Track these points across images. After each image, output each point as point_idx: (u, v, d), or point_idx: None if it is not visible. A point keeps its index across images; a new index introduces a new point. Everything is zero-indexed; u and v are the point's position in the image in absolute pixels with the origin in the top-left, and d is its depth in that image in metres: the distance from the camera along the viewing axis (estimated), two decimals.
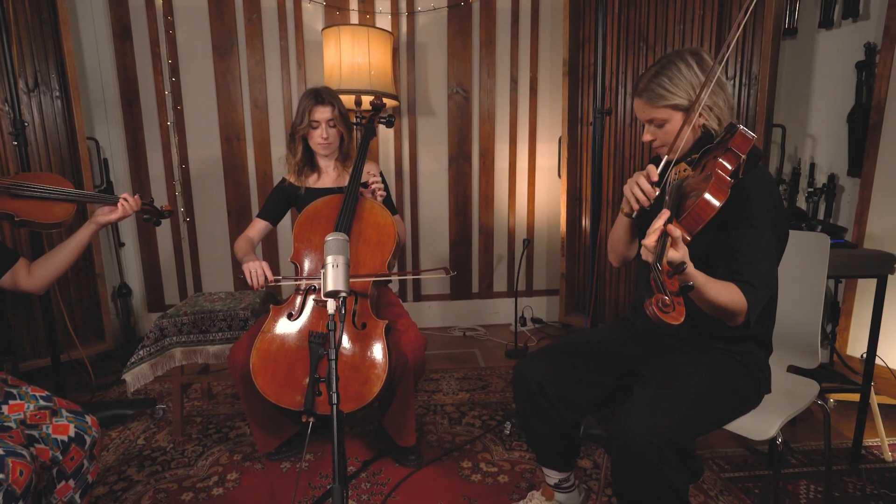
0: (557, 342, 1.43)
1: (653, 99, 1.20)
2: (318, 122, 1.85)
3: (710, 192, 0.97)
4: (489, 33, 3.06)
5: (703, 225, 0.98)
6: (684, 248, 0.98)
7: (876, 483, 1.65)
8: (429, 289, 3.29)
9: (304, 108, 1.85)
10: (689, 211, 0.98)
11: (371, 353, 1.59)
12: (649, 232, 0.98)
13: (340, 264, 1.21)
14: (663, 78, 1.19)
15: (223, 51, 2.86)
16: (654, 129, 1.25)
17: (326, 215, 1.81)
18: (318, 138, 1.87)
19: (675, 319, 0.85)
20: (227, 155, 2.98)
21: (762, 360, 1.26)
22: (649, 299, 0.87)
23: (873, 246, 2.07)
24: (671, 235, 0.95)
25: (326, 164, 1.98)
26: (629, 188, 1.19)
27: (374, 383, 1.56)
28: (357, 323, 1.64)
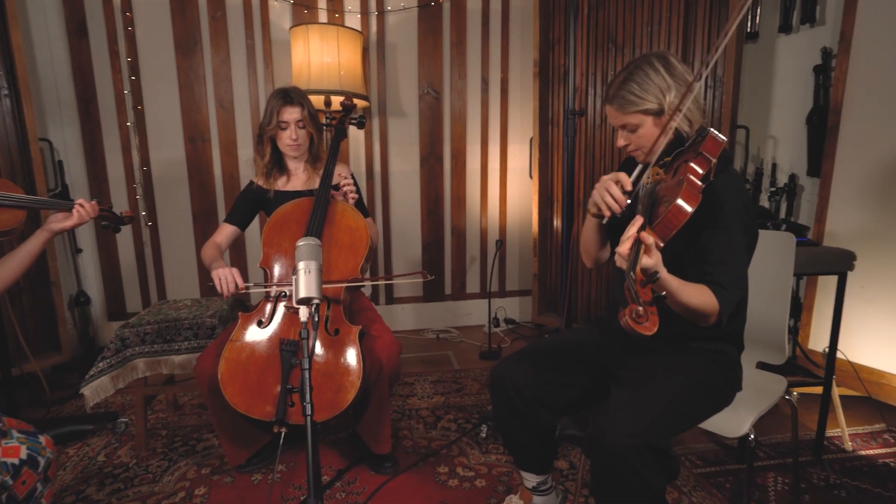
0: (534, 345, 1.42)
1: (624, 105, 1.21)
2: (287, 123, 1.80)
3: (683, 198, 0.97)
4: (460, 34, 3.05)
5: (675, 231, 0.99)
6: (658, 255, 0.98)
7: (838, 473, 1.70)
8: (401, 291, 3.26)
9: (273, 109, 1.80)
10: (661, 218, 0.98)
11: (344, 360, 1.56)
12: (623, 239, 0.98)
13: (313, 270, 1.18)
14: (632, 84, 1.19)
15: (186, 49, 2.77)
16: (627, 134, 1.25)
17: (297, 219, 1.77)
18: (288, 140, 1.82)
19: (648, 330, 0.85)
20: (191, 156, 2.88)
21: (734, 358, 1.28)
22: (623, 310, 0.87)
23: (832, 243, 2.15)
24: (644, 243, 0.95)
25: (296, 167, 1.93)
26: (599, 194, 1.18)
27: (349, 391, 1.53)
28: (330, 329, 1.60)
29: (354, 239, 1.74)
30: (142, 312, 1.97)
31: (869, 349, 2.09)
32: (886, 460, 1.78)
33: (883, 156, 2.05)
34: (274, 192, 1.89)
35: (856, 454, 1.82)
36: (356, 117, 2.05)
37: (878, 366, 2.08)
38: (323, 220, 1.73)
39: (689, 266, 1.18)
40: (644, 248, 0.95)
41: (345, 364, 1.55)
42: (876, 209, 2.09)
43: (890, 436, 1.93)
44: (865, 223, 2.11)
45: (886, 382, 2.05)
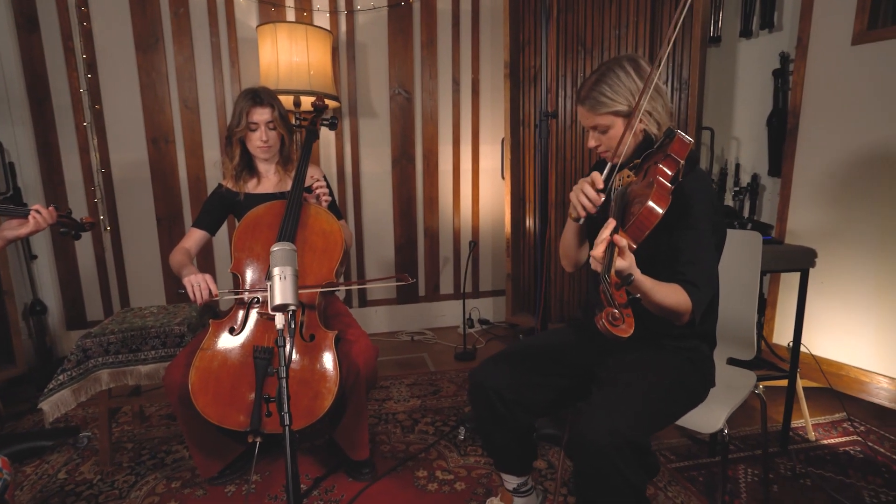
0: (511, 347, 1.43)
1: (595, 106, 1.22)
2: (257, 124, 1.76)
3: (653, 199, 0.99)
4: (430, 34, 3.04)
5: (648, 233, 1.00)
6: (631, 256, 1.00)
7: (803, 462, 1.77)
8: (375, 294, 3.23)
9: (242, 110, 1.75)
10: (633, 219, 1.00)
11: (321, 366, 1.53)
12: (597, 243, 1.00)
13: (288, 276, 1.15)
14: (604, 85, 1.21)
15: (147, 46, 2.67)
16: (598, 135, 1.27)
17: (268, 223, 1.72)
18: (258, 141, 1.78)
19: (624, 332, 0.86)
20: (154, 158, 2.78)
21: (707, 355, 1.31)
22: (599, 313, 0.88)
23: (793, 241, 2.23)
24: (617, 245, 0.97)
25: (266, 169, 1.89)
26: (575, 195, 1.20)
27: (325, 397, 1.50)
28: (305, 335, 1.57)
29: (329, 242, 1.71)
30: (105, 321, 1.89)
31: (828, 342, 2.19)
32: (847, 448, 1.86)
33: (839, 157, 2.15)
34: (244, 194, 1.84)
35: (819, 443, 1.89)
36: (328, 118, 2.02)
37: (837, 357, 2.17)
38: (296, 224, 1.69)
39: (662, 266, 1.21)
40: (618, 250, 0.97)
41: (321, 370, 1.52)
42: (833, 208, 2.18)
43: (849, 424, 2.01)
44: (824, 221, 2.20)
45: (845, 374, 2.14)
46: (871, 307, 2.07)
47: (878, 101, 2.02)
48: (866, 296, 2.08)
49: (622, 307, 0.88)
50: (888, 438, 1.92)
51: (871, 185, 2.06)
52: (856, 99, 2.08)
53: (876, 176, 2.04)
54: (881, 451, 1.83)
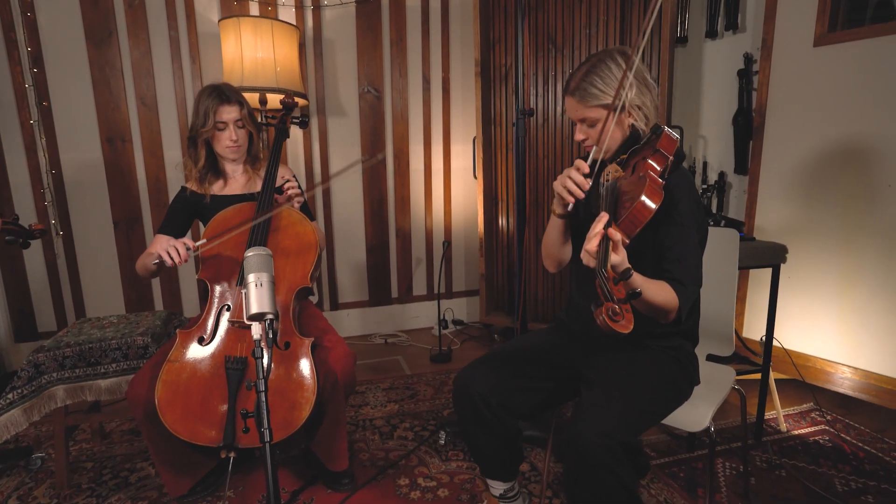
0: (494, 351, 1.40)
1: (585, 98, 1.20)
2: (225, 123, 1.67)
3: (647, 194, 0.98)
4: (399, 31, 2.98)
5: (641, 227, 1.00)
6: (624, 252, 0.98)
7: (778, 454, 1.81)
8: (346, 296, 3.16)
9: (207, 109, 1.65)
10: (627, 214, 0.99)
11: (297, 375, 1.46)
12: (590, 236, 0.98)
13: (265, 282, 1.09)
14: (595, 77, 1.19)
15: (99, 39, 2.52)
16: (587, 129, 1.25)
17: (238, 225, 1.64)
18: (227, 141, 1.69)
19: (624, 328, 0.85)
20: (109, 158, 2.63)
21: (691, 352, 1.31)
22: (599, 308, 0.86)
23: (761, 236, 2.29)
24: (612, 239, 0.95)
25: (234, 169, 1.80)
26: (560, 184, 1.16)
27: (303, 407, 1.44)
28: (279, 343, 1.50)
29: (302, 245, 1.64)
30: (59, 333, 1.76)
31: (795, 334, 2.25)
32: (816, 438, 1.92)
33: (804, 154, 2.21)
34: (210, 196, 1.75)
35: (790, 434, 1.94)
36: (298, 116, 1.94)
37: (804, 349, 2.24)
38: (267, 227, 1.62)
39: (648, 263, 1.20)
40: (612, 244, 0.95)
41: (297, 379, 1.46)
42: (799, 204, 2.25)
43: (817, 414, 2.08)
44: (790, 217, 2.27)
45: (812, 365, 2.21)
46: (835, 300, 2.14)
47: (839, 100, 2.09)
48: (831, 289, 2.15)
49: (621, 302, 0.86)
50: (853, 427, 1.99)
51: (834, 181, 2.13)
52: (818, 98, 2.15)
53: (839, 172, 2.11)
54: (848, 440, 1.89)
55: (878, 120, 1.98)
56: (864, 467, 1.73)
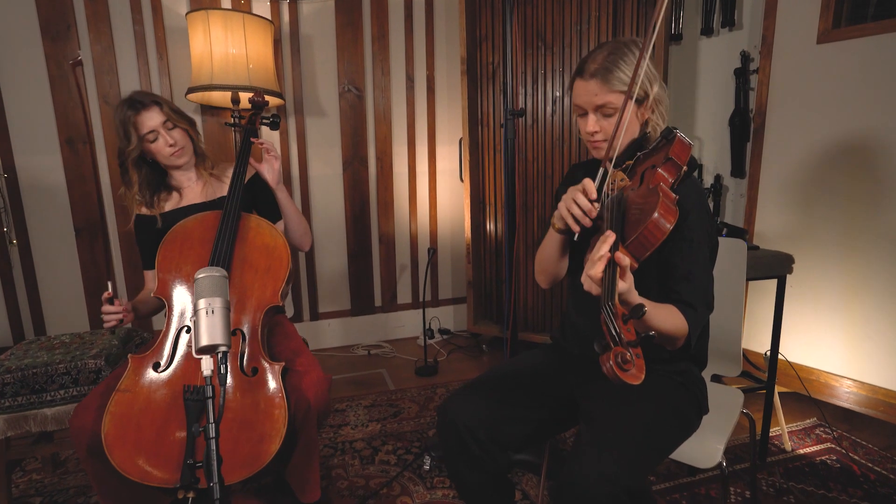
0: (483, 377, 1.27)
1: (609, 80, 1.06)
2: (154, 130, 1.50)
3: (661, 212, 0.85)
4: (381, 28, 2.84)
5: (652, 250, 0.86)
6: (631, 278, 0.86)
7: (784, 476, 1.70)
8: (326, 305, 3.00)
9: (126, 124, 1.47)
10: (637, 234, 0.86)
11: (266, 405, 1.31)
12: (593, 259, 0.84)
13: (217, 309, 0.94)
14: (619, 60, 1.06)
15: (56, 34, 2.34)
16: (601, 120, 1.10)
17: (200, 236, 1.48)
18: (167, 149, 1.52)
19: (635, 378, 0.71)
20: (70, 161, 2.46)
21: (699, 377, 1.19)
22: (606, 352, 0.72)
23: (762, 243, 2.19)
24: (619, 265, 0.82)
25: (186, 177, 1.63)
26: (565, 207, 1.04)
27: (272, 440, 1.29)
28: (246, 368, 1.35)
29: (273, 260, 1.49)
30: (1, 357, 1.60)
31: (798, 346, 2.15)
32: (823, 457, 1.81)
33: (807, 156, 2.11)
34: (161, 217, 1.57)
35: (795, 454, 1.84)
36: (268, 116, 1.79)
37: (807, 362, 2.14)
38: (234, 238, 1.47)
39: (652, 282, 1.08)
40: (619, 270, 0.82)
41: (266, 409, 1.31)
42: (802, 209, 2.14)
43: (822, 430, 1.98)
44: (792, 223, 2.17)
45: (815, 378, 2.11)
46: (840, 310, 2.04)
47: (843, 100, 1.99)
48: (835, 298, 2.05)
49: (631, 345, 0.73)
50: (861, 444, 1.89)
51: (838, 185, 2.03)
52: (821, 98, 2.05)
53: (843, 175, 2.02)
54: (857, 460, 1.79)
55: (884, 120, 1.89)
56: (877, 490, 1.63)
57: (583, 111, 1.13)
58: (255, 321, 1.42)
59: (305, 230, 1.78)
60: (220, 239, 1.44)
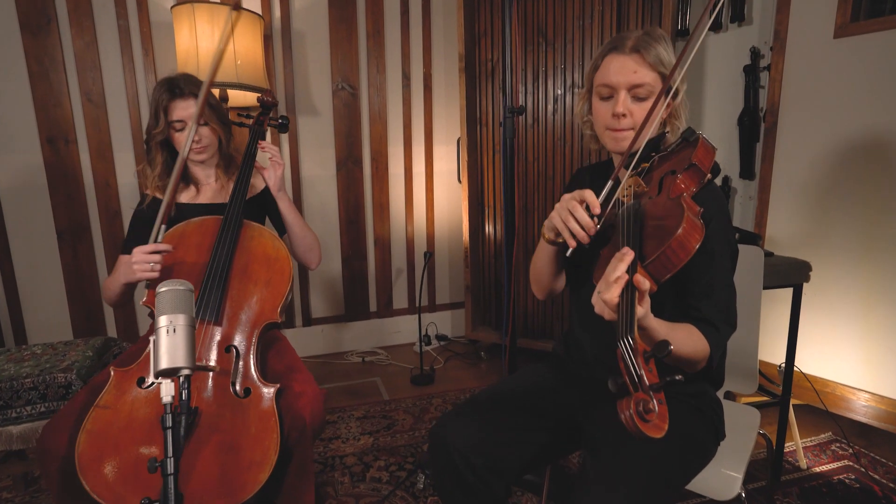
0: (478, 396, 1.17)
1: (653, 57, 0.96)
2: (183, 121, 1.42)
3: (686, 228, 0.75)
4: (377, 23, 2.74)
5: (675, 272, 0.76)
6: (648, 302, 0.76)
7: (800, 497, 1.60)
8: (319, 311, 2.90)
9: (159, 105, 1.41)
10: (658, 254, 0.75)
11: (256, 429, 1.20)
12: (608, 280, 0.74)
13: (180, 327, 0.84)
14: (661, 40, 0.98)
15: (36, 28, 2.24)
16: (632, 103, 1.00)
17: (197, 242, 1.38)
18: (188, 142, 1.44)
19: (657, 430, 0.61)
20: (51, 161, 2.36)
21: (715, 398, 1.09)
22: (625, 400, 0.62)
23: (773, 249, 2.08)
24: (639, 289, 0.72)
25: (206, 174, 1.56)
26: (560, 217, 0.93)
27: (262, 468, 1.18)
28: (239, 389, 1.24)
29: (274, 272, 1.39)
30: None
31: (813, 358, 2.05)
32: (840, 476, 1.71)
33: (822, 157, 2.01)
34: (176, 206, 1.49)
35: (811, 472, 1.74)
36: (278, 118, 1.66)
37: (822, 374, 2.04)
38: (233, 247, 1.37)
39: (667, 297, 0.98)
40: (637, 294, 0.72)
41: (257, 433, 1.20)
42: (816, 213, 2.04)
43: (838, 446, 1.88)
44: (806, 228, 2.07)
45: (830, 391, 2.01)
46: (857, 319, 1.94)
47: (862, 98, 1.89)
48: (852, 307, 1.95)
49: (655, 390, 0.62)
50: (880, 462, 1.79)
51: (855, 187, 1.93)
52: (839, 96, 1.94)
53: (860, 177, 1.91)
54: (878, 480, 1.69)
55: None
56: None
57: (610, 93, 1.02)
58: (250, 338, 1.32)
59: (312, 244, 1.64)
60: (219, 247, 1.34)
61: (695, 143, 0.86)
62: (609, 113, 1.01)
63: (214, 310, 1.28)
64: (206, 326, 1.28)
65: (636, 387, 0.63)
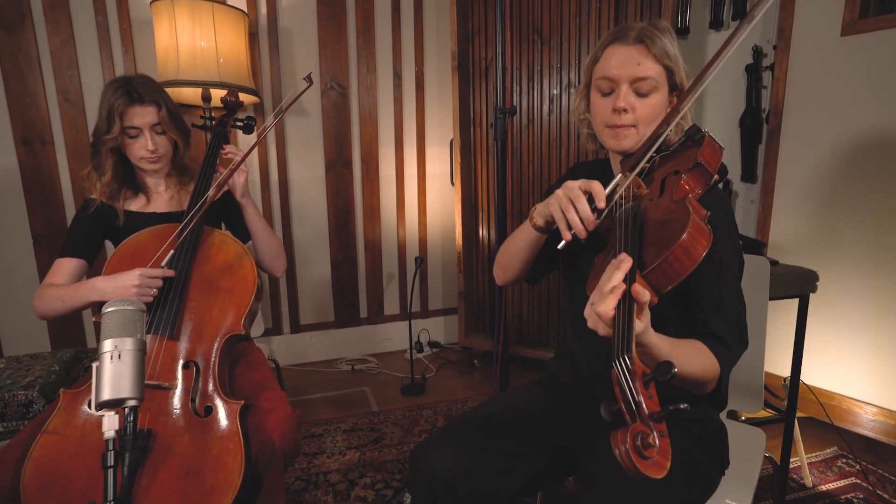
0: (464, 417, 1.08)
1: (657, 48, 0.89)
2: (138, 129, 1.32)
3: (691, 233, 0.67)
4: (367, 20, 2.66)
5: (678, 282, 0.68)
6: (648, 315, 0.67)
7: None
8: (308, 317, 2.82)
9: (112, 110, 1.29)
10: (660, 262, 0.67)
11: (218, 452, 1.12)
12: (603, 290, 0.66)
13: (126, 352, 0.76)
14: (665, 32, 0.91)
15: (10, 25, 2.15)
16: (634, 98, 0.92)
17: (154, 253, 1.30)
18: (142, 151, 1.34)
19: (658, 469, 0.53)
20: (26, 163, 2.26)
21: (719, 423, 1.01)
22: (621, 431, 0.54)
23: (778, 256, 2.00)
24: (637, 301, 0.64)
25: (155, 183, 1.46)
26: (560, 207, 0.83)
27: (225, 493, 1.09)
28: (198, 407, 1.16)
29: (236, 281, 1.31)
30: None
31: (819, 370, 1.97)
32: (848, 495, 1.63)
33: (829, 160, 1.93)
34: (124, 213, 1.40)
35: (817, 490, 1.65)
36: (242, 119, 1.59)
37: (828, 386, 1.97)
38: (193, 256, 1.29)
39: (672, 312, 0.90)
40: (636, 307, 0.64)
41: (219, 456, 1.11)
42: (822, 219, 1.96)
43: (844, 462, 1.80)
44: (811, 234, 1.99)
45: (836, 404, 1.93)
46: (864, 330, 1.86)
47: (870, 98, 1.81)
48: (859, 318, 1.87)
49: (654, 420, 0.54)
50: (889, 480, 1.71)
51: (864, 192, 1.85)
52: (846, 95, 1.86)
53: (869, 181, 1.83)
54: (887, 500, 1.61)
55: None
56: None
57: (611, 87, 0.94)
58: (212, 352, 1.23)
59: (278, 252, 1.54)
60: (178, 255, 1.26)
61: (700, 141, 0.78)
62: (609, 108, 0.93)
63: (170, 324, 1.20)
64: (161, 342, 1.19)
65: (633, 416, 0.55)
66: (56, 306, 1.26)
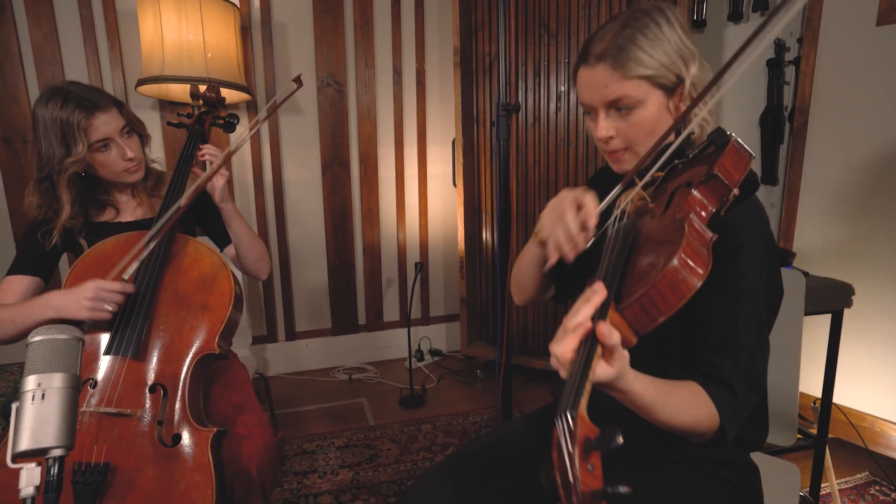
0: (458, 454, 0.96)
1: (625, 63, 0.76)
2: (107, 139, 1.19)
3: (682, 259, 0.53)
4: (365, 14, 2.53)
5: (663, 320, 0.55)
6: (624, 357, 0.55)
7: None
8: (304, 324, 2.70)
9: (71, 127, 1.12)
10: (639, 295, 0.54)
11: (186, 486, 1.00)
12: (566, 327, 0.55)
13: (53, 391, 0.64)
14: (639, 35, 0.75)
15: None
16: (617, 120, 0.80)
17: (119, 263, 1.18)
18: (121, 162, 1.22)
19: None
20: (7, 163, 2.16)
21: (751, 465, 0.88)
22: None
23: (804, 265, 1.86)
24: (604, 343, 0.51)
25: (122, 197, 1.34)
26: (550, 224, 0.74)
27: None
28: (164, 436, 1.04)
29: (211, 296, 1.19)
30: None
31: (849, 389, 1.83)
32: None
33: (860, 161, 1.79)
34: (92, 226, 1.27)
35: None
36: (224, 117, 1.48)
37: (858, 406, 1.83)
38: (163, 266, 1.17)
39: (676, 345, 0.77)
40: (601, 350, 0.52)
41: (187, 490, 0.99)
42: (852, 225, 1.82)
43: (878, 490, 1.65)
44: (840, 241, 1.84)
45: (867, 426, 1.79)
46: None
47: None
48: (893, 333, 1.72)
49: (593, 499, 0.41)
50: None
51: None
52: (881, 91, 1.72)
53: None
54: None
55: None
56: None
57: (592, 110, 0.83)
58: (180, 373, 1.11)
59: (262, 255, 1.42)
60: (143, 267, 1.14)
61: (723, 146, 0.64)
62: (594, 134, 0.84)
63: (133, 343, 1.08)
64: (124, 363, 1.08)
65: (568, 493, 0.42)
66: (6, 329, 1.12)
